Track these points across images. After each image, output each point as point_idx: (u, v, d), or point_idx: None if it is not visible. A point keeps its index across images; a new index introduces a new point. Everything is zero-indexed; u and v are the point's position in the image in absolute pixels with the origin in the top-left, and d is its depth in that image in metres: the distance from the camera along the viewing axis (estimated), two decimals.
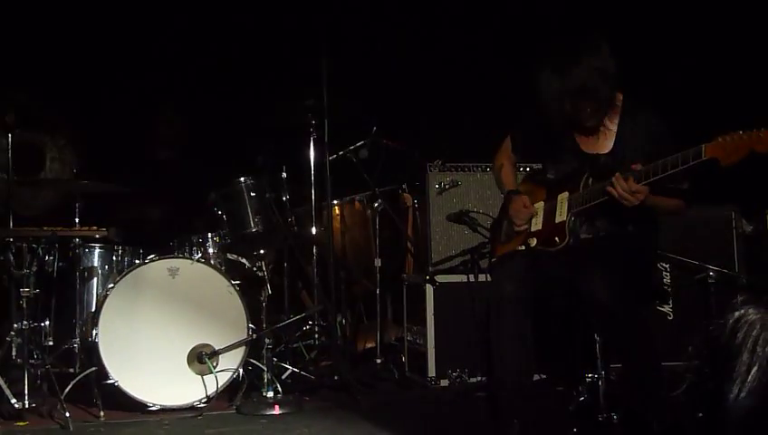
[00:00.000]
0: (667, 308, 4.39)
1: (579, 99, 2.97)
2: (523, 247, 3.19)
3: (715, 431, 0.96)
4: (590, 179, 3.05)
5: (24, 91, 4.39)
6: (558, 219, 3.11)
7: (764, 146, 2.56)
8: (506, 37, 5.77)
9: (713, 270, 4.13)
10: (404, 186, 5.40)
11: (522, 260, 3.20)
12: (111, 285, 4.09)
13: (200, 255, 4.44)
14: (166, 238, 4.61)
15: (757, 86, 4.90)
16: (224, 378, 4.10)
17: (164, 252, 4.37)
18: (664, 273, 4.35)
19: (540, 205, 3.24)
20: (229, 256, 4.58)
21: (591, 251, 3.02)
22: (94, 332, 3.99)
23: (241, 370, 4.17)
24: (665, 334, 4.15)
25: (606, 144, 3.11)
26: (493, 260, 3.53)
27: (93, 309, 4.27)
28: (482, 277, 4.01)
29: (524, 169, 4.51)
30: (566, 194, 3.11)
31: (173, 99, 5.44)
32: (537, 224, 3.21)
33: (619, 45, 3.03)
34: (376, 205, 5.07)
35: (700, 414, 0.98)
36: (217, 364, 4.11)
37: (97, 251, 4.45)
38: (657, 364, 2.97)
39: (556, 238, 3.08)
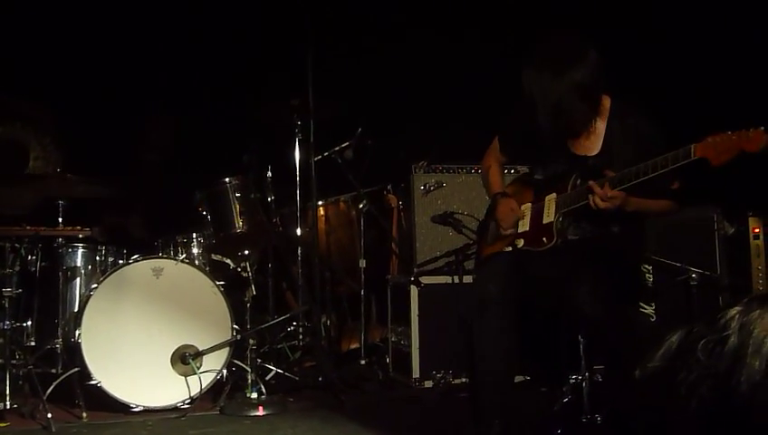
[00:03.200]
0: (650, 310, 4.42)
1: (556, 115, 2.98)
2: (510, 248, 3.20)
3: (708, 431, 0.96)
4: (579, 181, 3.06)
5: (8, 87, 4.37)
6: (546, 220, 3.12)
7: (754, 145, 2.57)
8: (493, 37, 5.79)
9: (695, 272, 4.15)
10: (389, 187, 5.41)
11: (506, 261, 3.21)
12: (95, 286, 4.07)
13: (184, 255, 4.42)
14: (150, 238, 4.59)
15: (748, 88, 4.94)
16: (208, 379, 4.09)
17: (148, 252, 4.36)
18: (647, 275, 4.37)
19: (527, 206, 3.25)
20: (214, 256, 4.57)
21: (578, 252, 3.04)
22: (77, 332, 3.97)
23: (225, 371, 4.16)
24: (648, 336, 4.17)
25: (595, 145, 3.12)
26: (477, 261, 3.54)
27: (76, 309, 4.24)
28: (467, 279, 4.03)
29: (513, 172, 4.54)
30: (554, 195, 3.13)
31: (159, 99, 5.42)
32: (524, 225, 3.22)
33: (608, 44, 3.03)
34: (361, 206, 5.07)
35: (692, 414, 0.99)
36: (201, 365, 4.10)
37: (80, 251, 4.42)
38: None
39: (543, 239, 3.09)
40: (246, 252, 4.54)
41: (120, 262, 4.29)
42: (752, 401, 0.93)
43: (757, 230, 4.39)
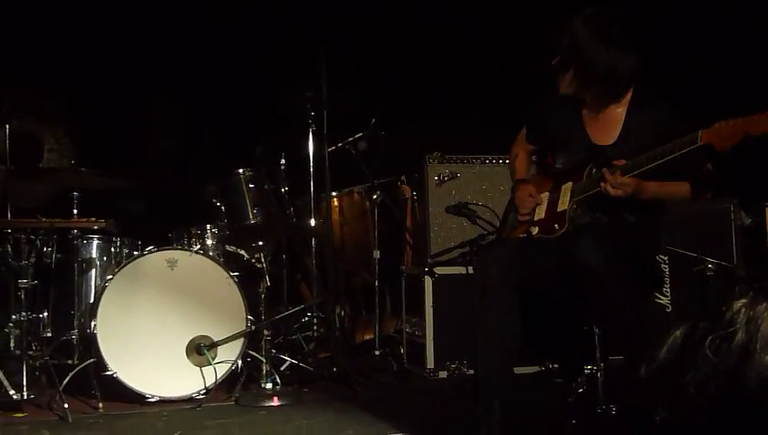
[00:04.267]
0: (665, 300, 4.40)
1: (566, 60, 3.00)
2: (525, 235, 3.20)
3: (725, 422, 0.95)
4: (594, 170, 3.05)
5: (22, 82, 4.39)
6: (560, 208, 3.13)
7: (759, 128, 2.55)
8: (507, 28, 5.76)
9: (711, 262, 4.13)
10: (403, 177, 5.40)
11: (510, 246, 3.21)
12: (110, 277, 4.09)
13: (199, 246, 4.43)
14: (164, 230, 4.60)
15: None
16: (222, 369, 4.10)
17: (162, 243, 4.37)
18: (663, 265, 4.35)
19: (545, 195, 3.25)
20: (228, 247, 4.57)
21: (590, 230, 3.02)
22: (93, 323, 3.98)
23: (240, 361, 4.17)
24: (663, 326, 4.15)
25: (612, 134, 3.11)
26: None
27: (92, 300, 4.26)
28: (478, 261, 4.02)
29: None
30: (570, 184, 3.13)
31: (172, 90, 5.43)
32: (540, 213, 3.22)
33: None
34: (375, 196, 5.06)
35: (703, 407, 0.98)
36: (216, 356, 4.11)
37: (95, 242, 4.44)
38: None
39: (555, 225, 3.09)
40: (260, 243, 4.54)
41: (135, 253, 4.30)
42: (763, 397, 0.92)
43: None
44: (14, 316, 4.01)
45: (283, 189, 4.82)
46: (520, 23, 5.67)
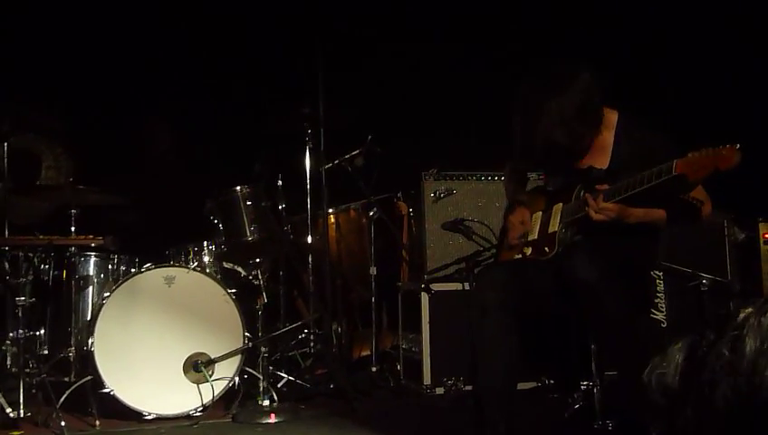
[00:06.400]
0: (660, 316, 4.41)
1: (546, 145, 3.00)
2: (520, 256, 3.22)
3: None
4: (582, 191, 3.07)
5: (21, 99, 4.40)
6: (550, 229, 3.15)
7: (726, 163, 2.55)
8: (503, 45, 5.80)
9: (706, 278, 4.15)
10: (399, 194, 5.42)
11: (505, 268, 3.23)
12: (107, 294, 4.10)
13: (196, 263, 4.44)
14: (162, 247, 4.61)
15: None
16: (220, 386, 4.11)
17: (160, 260, 4.38)
18: (658, 281, 4.37)
19: (538, 215, 3.28)
20: (225, 264, 4.59)
21: (585, 247, 3.04)
22: (90, 340, 3.99)
23: (237, 378, 4.17)
24: (659, 341, 4.17)
25: (603, 159, 3.12)
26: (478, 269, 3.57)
27: (89, 318, 4.27)
28: (474, 284, 4.03)
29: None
30: (560, 205, 3.15)
31: (170, 107, 5.46)
32: (534, 233, 3.24)
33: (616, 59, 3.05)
34: (371, 213, 5.08)
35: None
36: (213, 373, 4.11)
37: (93, 260, 4.45)
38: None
39: (546, 248, 3.12)
40: (258, 260, 4.56)
41: (133, 270, 4.31)
42: None
43: (767, 236, 4.39)
44: (11, 334, 4.01)
45: (280, 206, 4.84)
46: (517, 39, 5.72)
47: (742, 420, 0.96)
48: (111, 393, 3.92)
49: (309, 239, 5.03)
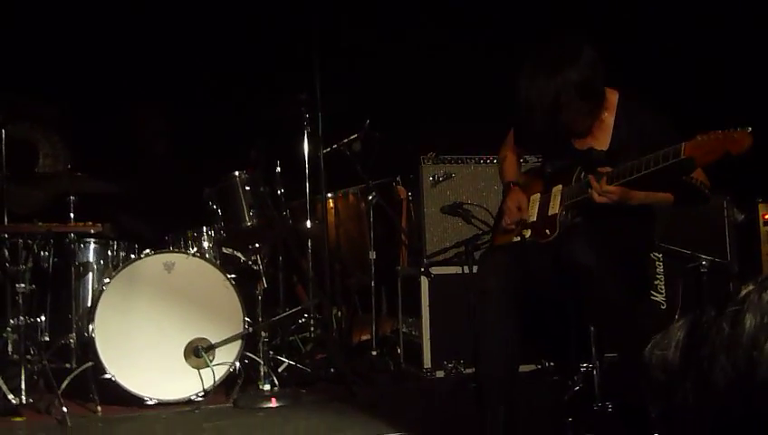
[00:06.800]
0: (660, 297, 4.42)
1: (552, 117, 2.98)
2: (519, 238, 3.22)
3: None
4: (583, 173, 3.07)
5: (17, 87, 4.39)
6: (551, 212, 3.14)
7: (738, 147, 2.53)
8: (502, 27, 5.78)
9: (705, 259, 4.16)
10: (398, 178, 5.41)
11: (507, 253, 3.22)
12: (107, 281, 4.10)
13: (195, 249, 4.44)
14: (161, 233, 4.61)
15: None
16: (220, 372, 4.12)
17: (159, 247, 4.38)
18: (657, 262, 4.38)
19: (536, 197, 3.26)
20: (224, 250, 4.59)
21: (584, 230, 3.04)
22: (90, 327, 4.00)
23: (237, 363, 4.18)
24: (658, 323, 4.18)
25: (603, 140, 3.11)
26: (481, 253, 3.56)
27: (89, 304, 4.27)
28: (476, 269, 4.03)
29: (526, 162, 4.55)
30: (560, 187, 3.14)
31: (167, 94, 5.44)
32: (532, 216, 3.23)
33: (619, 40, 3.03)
34: (370, 198, 5.08)
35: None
36: (214, 358, 4.12)
37: (92, 246, 4.45)
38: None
39: (547, 231, 3.11)
40: (257, 245, 4.56)
41: (132, 257, 4.31)
42: None
43: (767, 217, 4.39)
44: (11, 321, 4.01)
45: (278, 192, 4.83)
46: (513, 23, 5.70)
47: (740, 394, 0.96)
48: (113, 379, 3.94)
49: (308, 224, 5.04)
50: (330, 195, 5.22)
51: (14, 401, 3.75)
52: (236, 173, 4.53)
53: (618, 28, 5.36)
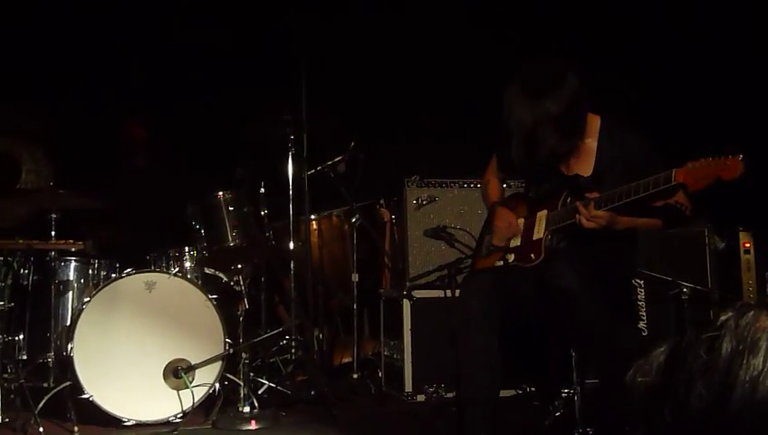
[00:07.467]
0: (641, 324, 4.43)
1: (531, 145, 3.01)
2: (502, 263, 3.22)
3: None
4: (569, 199, 3.08)
5: (1, 102, 4.37)
6: (535, 236, 3.15)
7: (730, 174, 2.57)
8: (486, 52, 5.82)
9: (686, 286, 4.18)
10: (381, 201, 5.42)
11: (489, 276, 3.23)
12: (87, 299, 4.07)
13: (177, 269, 4.42)
14: (142, 252, 4.59)
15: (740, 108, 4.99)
16: (200, 393, 4.08)
17: (141, 266, 4.35)
18: (638, 289, 4.39)
19: (520, 221, 3.28)
20: (206, 270, 4.57)
21: (566, 254, 3.05)
22: (69, 346, 3.95)
23: (217, 384, 4.15)
24: (639, 349, 4.18)
25: (586, 165, 3.14)
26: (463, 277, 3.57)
27: (69, 323, 4.23)
28: (459, 292, 4.03)
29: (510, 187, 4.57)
30: (545, 212, 3.15)
31: (152, 112, 5.43)
32: (516, 240, 3.24)
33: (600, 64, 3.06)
34: (353, 220, 5.08)
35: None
36: (193, 379, 4.09)
37: (73, 264, 4.41)
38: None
39: (531, 255, 3.12)
40: (239, 266, 4.54)
41: (113, 275, 4.28)
42: (751, 399, 0.94)
43: (747, 245, 4.43)
44: None
45: (262, 212, 4.82)
46: (498, 46, 5.74)
47: (717, 419, 0.96)
48: (90, 399, 3.89)
49: (291, 245, 5.02)
50: (313, 216, 5.22)
51: None
52: (220, 193, 4.52)
53: (604, 47, 5.41)
